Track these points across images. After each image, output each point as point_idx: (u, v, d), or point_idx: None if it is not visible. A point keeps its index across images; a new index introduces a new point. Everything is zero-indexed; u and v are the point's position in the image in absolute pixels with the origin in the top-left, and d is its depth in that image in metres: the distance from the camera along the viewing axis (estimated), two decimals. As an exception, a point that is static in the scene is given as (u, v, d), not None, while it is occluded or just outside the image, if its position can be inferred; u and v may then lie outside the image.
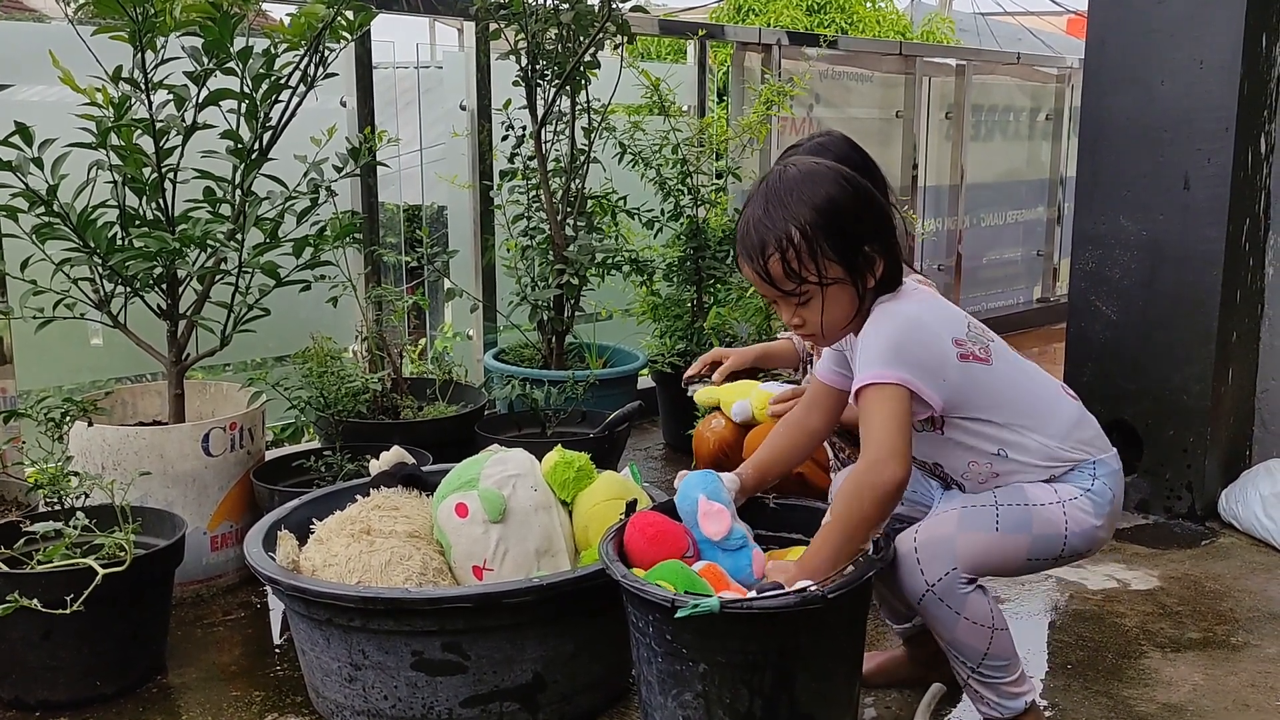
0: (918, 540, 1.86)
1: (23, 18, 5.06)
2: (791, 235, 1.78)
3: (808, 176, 1.83)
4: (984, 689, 1.92)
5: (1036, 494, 1.89)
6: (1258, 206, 3.22)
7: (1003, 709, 1.94)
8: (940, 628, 1.88)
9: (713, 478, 1.98)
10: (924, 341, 1.82)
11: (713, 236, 3.98)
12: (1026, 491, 1.89)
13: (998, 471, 1.91)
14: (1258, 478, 3.15)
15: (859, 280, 1.83)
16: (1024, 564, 1.91)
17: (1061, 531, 1.88)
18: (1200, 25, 3.06)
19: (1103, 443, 1.97)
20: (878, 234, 1.84)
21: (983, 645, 1.87)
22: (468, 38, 3.91)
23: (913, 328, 1.82)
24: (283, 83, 2.62)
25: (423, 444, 2.83)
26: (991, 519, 1.87)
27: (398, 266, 4.22)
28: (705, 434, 2.72)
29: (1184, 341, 3.16)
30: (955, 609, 1.85)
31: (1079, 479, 1.91)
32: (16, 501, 2.69)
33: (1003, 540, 1.86)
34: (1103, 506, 1.91)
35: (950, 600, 1.84)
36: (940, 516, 1.90)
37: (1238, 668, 2.37)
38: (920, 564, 1.84)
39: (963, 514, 1.88)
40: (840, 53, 5.44)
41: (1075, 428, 1.93)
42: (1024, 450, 1.89)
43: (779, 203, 1.81)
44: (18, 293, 2.62)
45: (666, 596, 1.70)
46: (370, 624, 1.95)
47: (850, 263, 1.81)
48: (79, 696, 2.18)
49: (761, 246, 1.81)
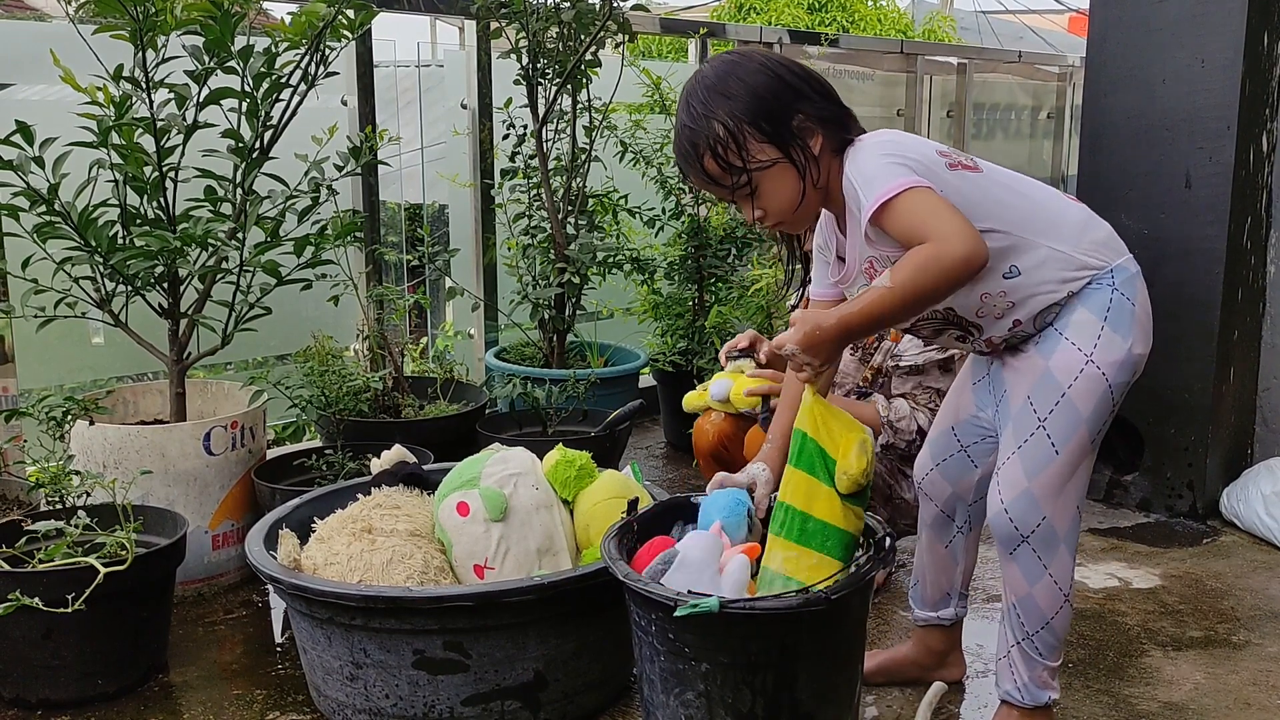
0: (1005, 503, 1.86)
1: (24, 17, 5.06)
2: (716, 131, 1.76)
3: (718, 69, 1.81)
4: (1024, 664, 1.93)
5: (1064, 367, 1.83)
6: (1259, 205, 3.22)
7: (1028, 694, 1.95)
8: (1020, 582, 1.89)
9: (738, 503, 1.91)
10: (910, 147, 1.78)
11: (714, 235, 3.98)
12: (1055, 375, 1.83)
13: (1013, 300, 1.83)
14: (1259, 476, 3.15)
15: (799, 154, 1.79)
16: (1094, 445, 1.89)
17: (1106, 387, 1.84)
18: (1202, 24, 3.05)
19: (1117, 244, 1.90)
20: (805, 103, 1.80)
21: (1051, 611, 1.89)
22: (469, 36, 3.91)
23: (891, 142, 1.78)
24: (284, 81, 2.62)
25: (424, 443, 2.83)
26: (1046, 444, 1.84)
27: (399, 265, 4.23)
28: (705, 427, 2.73)
29: (1185, 340, 3.16)
30: (1045, 562, 1.86)
31: (1097, 297, 1.84)
32: (18, 500, 2.69)
33: (1068, 454, 1.84)
34: (1127, 321, 1.84)
35: (1042, 551, 1.86)
36: (1007, 470, 1.87)
37: (1239, 666, 2.37)
38: (1014, 522, 1.86)
39: (1022, 457, 1.86)
40: (841, 51, 5.44)
41: (1085, 230, 1.87)
42: (1036, 263, 1.81)
43: (699, 101, 1.79)
44: (19, 291, 2.62)
45: (669, 595, 1.70)
46: (372, 622, 1.95)
47: (782, 140, 1.78)
48: (80, 695, 2.18)
49: (694, 149, 1.79)
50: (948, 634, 2.22)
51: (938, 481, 2.11)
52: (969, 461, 2.08)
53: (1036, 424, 1.85)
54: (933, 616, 2.20)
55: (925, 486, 2.14)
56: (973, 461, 2.07)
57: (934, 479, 2.11)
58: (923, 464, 2.14)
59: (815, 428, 1.80)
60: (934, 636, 2.22)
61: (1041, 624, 1.90)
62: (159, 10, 2.44)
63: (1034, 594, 1.89)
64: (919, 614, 2.22)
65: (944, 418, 2.12)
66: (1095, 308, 1.84)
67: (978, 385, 2.05)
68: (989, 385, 2.02)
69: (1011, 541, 1.87)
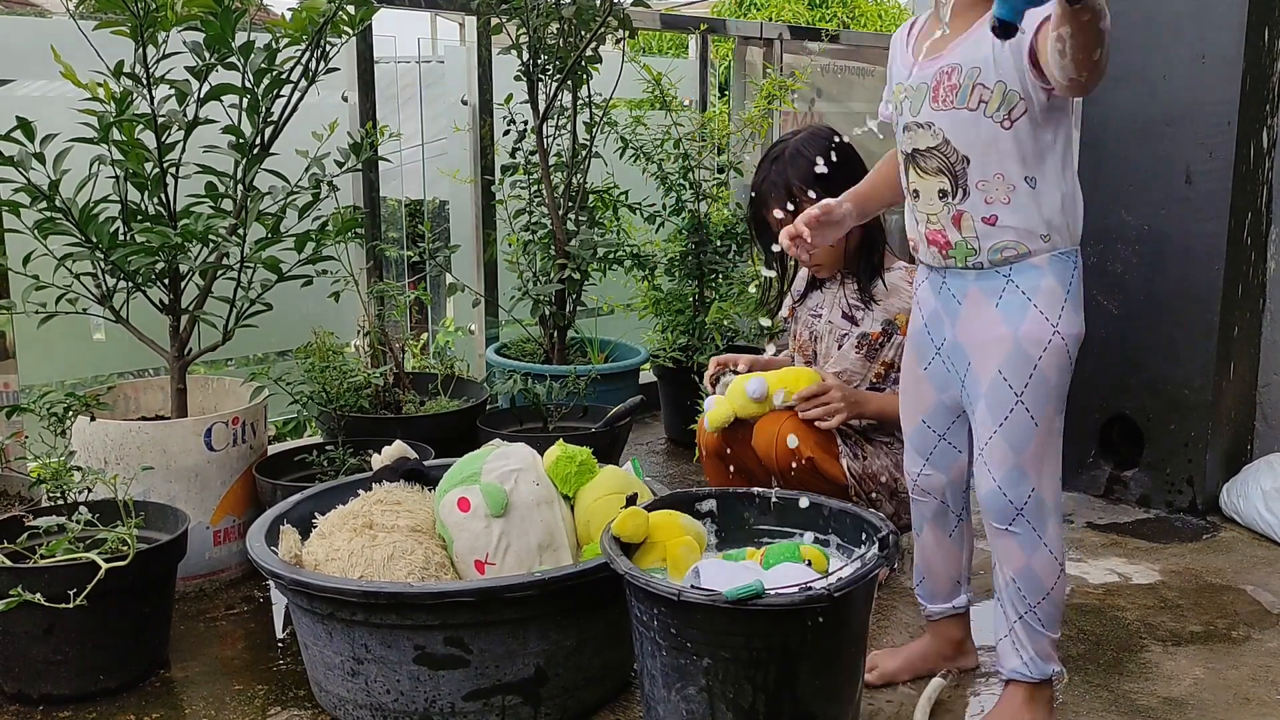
0: (998, 480, 1.93)
1: (24, 13, 5.06)
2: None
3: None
4: (1028, 638, 1.97)
5: (1033, 338, 1.89)
6: (1259, 201, 3.22)
7: (1035, 668, 1.98)
8: (1017, 555, 1.95)
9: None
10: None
11: (714, 231, 3.98)
12: (1025, 347, 1.90)
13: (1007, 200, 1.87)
14: (1259, 472, 3.15)
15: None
16: (1061, 414, 1.95)
17: (1068, 359, 1.93)
18: (1202, 19, 3.05)
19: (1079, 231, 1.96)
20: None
21: (1049, 581, 1.96)
22: (469, 32, 3.91)
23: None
24: (284, 78, 2.62)
25: (424, 439, 2.83)
26: (1026, 418, 1.91)
27: (399, 261, 4.22)
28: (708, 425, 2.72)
29: (1185, 336, 3.16)
30: (1039, 532, 1.94)
31: (1063, 269, 1.91)
32: (20, 496, 2.70)
33: (1045, 424, 1.92)
34: (1081, 301, 1.95)
35: (1035, 522, 1.93)
36: (992, 449, 1.93)
37: (1239, 661, 2.37)
38: (1007, 496, 1.93)
39: (1005, 435, 1.92)
40: (842, 47, 5.43)
41: (1078, 203, 1.94)
42: (1048, 190, 1.87)
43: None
44: (20, 288, 2.62)
45: (672, 589, 1.70)
46: (373, 618, 1.95)
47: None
48: (82, 691, 2.18)
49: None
50: (963, 621, 2.25)
51: (931, 475, 2.13)
52: (952, 448, 2.10)
53: (1014, 399, 1.91)
54: (948, 608, 2.22)
55: (921, 483, 2.15)
56: (955, 447, 2.10)
57: (927, 474, 2.13)
58: (912, 463, 2.16)
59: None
60: (952, 626, 2.24)
61: (1042, 595, 1.95)
62: (160, 6, 2.44)
63: (1032, 564, 1.94)
64: (933, 608, 2.23)
65: (911, 413, 2.13)
66: (1061, 279, 1.91)
67: (929, 369, 2.07)
68: (943, 363, 2.04)
69: (1006, 516, 1.94)
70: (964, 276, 1.96)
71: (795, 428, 2.51)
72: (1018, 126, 1.84)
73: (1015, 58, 1.80)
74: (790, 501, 2.12)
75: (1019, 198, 1.87)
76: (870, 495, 2.59)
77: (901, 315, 2.63)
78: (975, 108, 1.85)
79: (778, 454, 2.51)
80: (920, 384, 2.10)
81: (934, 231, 1.96)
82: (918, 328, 2.09)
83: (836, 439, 2.58)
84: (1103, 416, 3.34)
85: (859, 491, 2.57)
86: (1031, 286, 1.90)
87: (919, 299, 2.08)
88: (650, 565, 1.96)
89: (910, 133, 1.95)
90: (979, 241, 1.91)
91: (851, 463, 2.56)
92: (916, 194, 1.98)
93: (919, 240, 2.01)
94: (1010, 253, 1.90)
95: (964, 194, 1.90)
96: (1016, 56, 1.80)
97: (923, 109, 1.91)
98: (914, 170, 1.97)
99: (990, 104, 1.84)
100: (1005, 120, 1.84)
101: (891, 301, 2.66)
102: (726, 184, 4.16)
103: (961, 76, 1.85)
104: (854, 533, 2.03)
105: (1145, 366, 3.25)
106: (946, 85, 1.87)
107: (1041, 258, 1.90)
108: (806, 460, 2.50)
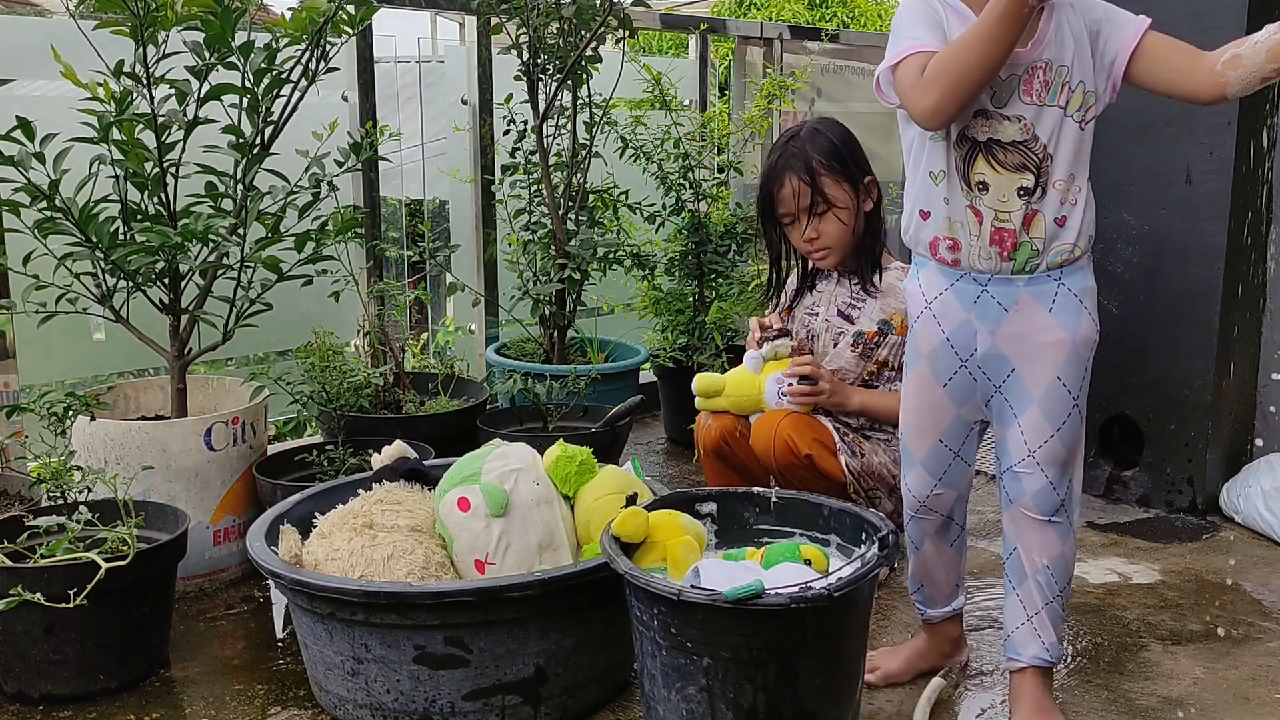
0: (1052, 479, 1.96)
1: (24, 12, 5.06)
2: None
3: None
4: (1051, 623, 2.02)
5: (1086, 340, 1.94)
6: (1259, 201, 3.22)
7: (1055, 651, 2.03)
8: (1055, 544, 1.99)
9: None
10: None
11: (714, 231, 3.97)
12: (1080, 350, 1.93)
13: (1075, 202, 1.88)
14: (1259, 472, 3.15)
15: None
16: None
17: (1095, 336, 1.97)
18: (1203, 18, 3.05)
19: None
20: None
21: (1073, 564, 2.03)
22: (469, 32, 3.91)
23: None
24: (284, 77, 2.62)
25: (424, 438, 2.83)
26: (1078, 419, 1.96)
27: (399, 261, 4.22)
28: (708, 423, 2.73)
29: (1186, 336, 3.16)
30: (1071, 520, 2.00)
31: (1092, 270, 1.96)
32: (19, 496, 2.70)
33: (1083, 400, 1.96)
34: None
35: (1071, 510, 2.00)
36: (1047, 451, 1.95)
37: (1238, 661, 2.37)
38: (1057, 491, 1.97)
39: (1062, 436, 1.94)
40: (842, 46, 5.43)
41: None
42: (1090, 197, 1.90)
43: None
44: (20, 287, 2.62)
45: (672, 589, 1.70)
46: (373, 618, 1.95)
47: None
48: (82, 690, 2.18)
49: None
50: (960, 618, 2.28)
51: (942, 494, 2.10)
52: (963, 462, 2.09)
53: (1072, 403, 1.94)
54: (948, 610, 2.22)
55: (930, 504, 2.10)
56: (965, 461, 2.09)
57: (937, 493, 2.10)
58: (923, 484, 2.09)
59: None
60: (951, 625, 2.25)
61: (1069, 579, 2.05)
62: (160, 6, 2.44)
63: (1065, 550, 2.01)
64: (933, 613, 2.22)
65: (925, 436, 2.06)
66: (1093, 278, 1.97)
67: (950, 384, 2.00)
68: (969, 375, 1.98)
69: (1053, 509, 1.98)
70: (1013, 283, 1.89)
71: (793, 426, 2.52)
72: (1088, 127, 1.87)
73: (1098, 59, 1.85)
74: (790, 501, 2.12)
75: (1082, 199, 1.89)
76: (869, 492, 2.59)
77: (897, 315, 2.63)
78: (1063, 106, 1.85)
79: (776, 452, 2.51)
80: (938, 403, 2.02)
81: (1002, 230, 1.86)
82: (938, 344, 1.98)
83: (834, 436, 2.58)
84: (1103, 416, 3.34)
85: (858, 489, 2.57)
86: (1081, 289, 1.92)
87: (937, 313, 1.97)
88: (650, 565, 1.96)
89: (990, 121, 1.84)
90: (1045, 243, 1.87)
91: (850, 460, 2.56)
92: (985, 187, 1.85)
93: (971, 240, 1.89)
94: (1066, 256, 1.89)
95: (1043, 192, 1.86)
96: (1099, 59, 1.85)
97: (1011, 101, 1.83)
98: (987, 161, 1.85)
99: (1072, 103, 1.85)
100: (1082, 120, 1.86)
101: (888, 301, 2.66)
102: (726, 184, 4.16)
103: (1052, 73, 1.84)
104: (854, 532, 2.03)
105: (1145, 366, 3.25)
106: (1040, 80, 1.83)
107: (1085, 259, 1.93)
108: (805, 457, 2.50)
